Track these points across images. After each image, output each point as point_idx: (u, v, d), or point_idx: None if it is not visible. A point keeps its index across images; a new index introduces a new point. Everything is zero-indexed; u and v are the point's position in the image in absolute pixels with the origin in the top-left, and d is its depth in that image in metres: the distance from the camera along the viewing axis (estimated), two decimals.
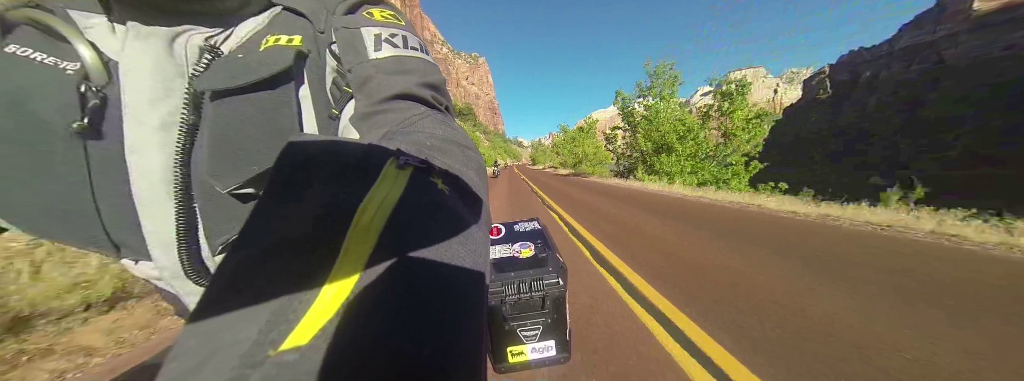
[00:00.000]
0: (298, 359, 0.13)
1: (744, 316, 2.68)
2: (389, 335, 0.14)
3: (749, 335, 2.39)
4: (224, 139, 0.33)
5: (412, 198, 0.21)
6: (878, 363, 2.08)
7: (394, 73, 0.36)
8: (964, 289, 3.25)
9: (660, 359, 2.14)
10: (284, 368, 0.13)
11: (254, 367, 0.13)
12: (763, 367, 2.03)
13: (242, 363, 0.13)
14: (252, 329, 0.14)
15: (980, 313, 2.75)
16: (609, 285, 3.41)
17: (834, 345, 2.27)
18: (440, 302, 0.17)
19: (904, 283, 3.41)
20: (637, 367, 2.05)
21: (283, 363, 0.13)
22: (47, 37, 0.32)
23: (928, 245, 5.01)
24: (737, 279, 3.51)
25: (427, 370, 0.14)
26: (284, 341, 0.13)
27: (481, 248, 0.23)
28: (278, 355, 0.13)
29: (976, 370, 2.01)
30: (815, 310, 2.78)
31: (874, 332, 2.44)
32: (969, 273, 3.76)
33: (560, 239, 5.63)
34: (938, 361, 2.09)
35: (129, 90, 0.32)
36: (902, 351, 2.21)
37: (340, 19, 0.39)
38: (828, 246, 4.89)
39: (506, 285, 0.49)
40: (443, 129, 0.33)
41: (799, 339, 2.33)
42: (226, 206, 0.35)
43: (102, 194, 0.33)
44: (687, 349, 2.24)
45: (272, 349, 0.13)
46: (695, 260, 4.21)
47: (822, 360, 2.09)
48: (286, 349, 0.13)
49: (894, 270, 3.82)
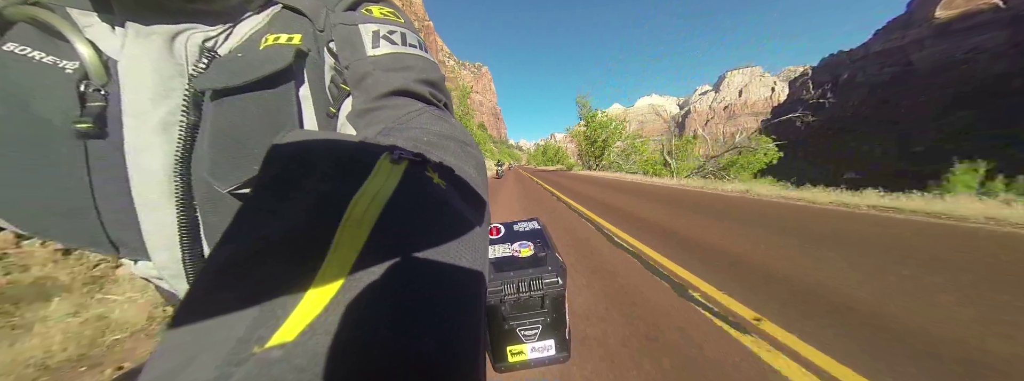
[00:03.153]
0: (283, 356, 0.13)
1: (596, 204, 8.39)
2: (382, 330, 0.14)
3: (600, 210, 7.40)
4: (224, 138, 0.33)
5: (407, 192, 0.20)
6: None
7: (392, 70, 0.36)
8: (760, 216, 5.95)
9: (570, 213, 7.15)
10: (268, 365, 0.12)
11: (239, 365, 0.12)
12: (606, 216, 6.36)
13: (227, 361, 0.13)
14: (239, 326, 0.14)
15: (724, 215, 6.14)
16: (563, 205, 8.71)
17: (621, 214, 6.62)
18: (436, 296, 0.17)
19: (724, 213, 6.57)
20: (565, 213, 7.20)
21: (267, 360, 0.13)
22: (46, 36, 0.31)
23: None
24: (608, 200, 9.34)
25: (424, 365, 0.14)
26: (270, 338, 0.13)
27: (479, 244, 0.23)
28: (264, 352, 0.13)
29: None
30: (638, 210, 7.21)
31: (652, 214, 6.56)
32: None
33: (539, 191, 13.29)
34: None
35: (129, 89, 0.31)
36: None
37: (339, 16, 0.39)
38: (657, 193, 11.39)
39: (505, 284, 0.49)
40: (441, 125, 0.33)
41: (615, 212, 6.76)
42: (226, 206, 0.34)
43: (101, 194, 0.33)
44: (577, 211, 7.26)
45: (258, 346, 0.13)
46: (602, 198, 10.18)
47: (606, 210, 7.17)
48: (272, 346, 0.13)
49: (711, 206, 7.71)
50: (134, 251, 0.35)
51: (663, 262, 3.47)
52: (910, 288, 2.70)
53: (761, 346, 1.93)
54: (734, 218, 6.00)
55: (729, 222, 5.61)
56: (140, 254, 0.35)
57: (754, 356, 1.84)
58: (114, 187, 0.33)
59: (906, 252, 3.66)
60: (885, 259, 3.41)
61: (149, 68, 0.32)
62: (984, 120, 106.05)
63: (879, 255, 3.55)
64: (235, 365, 0.12)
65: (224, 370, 0.12)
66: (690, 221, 5.81)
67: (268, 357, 0.13)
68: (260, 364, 0.12)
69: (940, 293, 2.59)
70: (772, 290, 2.70)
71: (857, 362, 1.76)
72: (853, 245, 3.97)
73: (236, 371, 0.12)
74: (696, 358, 1.83)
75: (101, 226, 0.34)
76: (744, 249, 3.88)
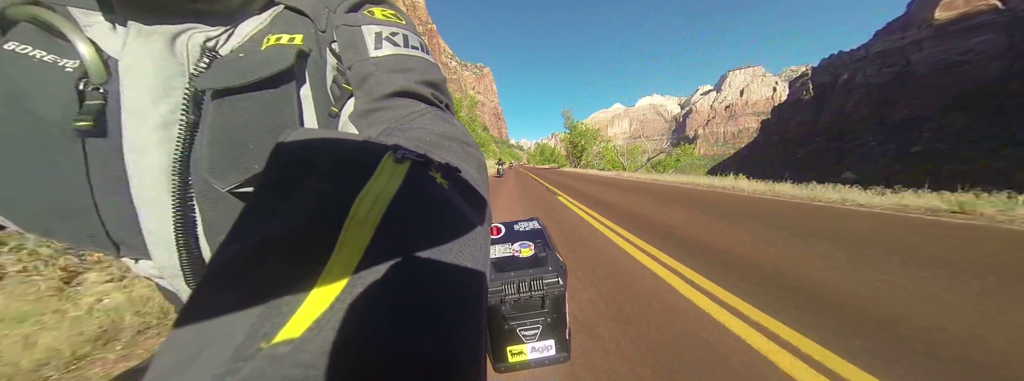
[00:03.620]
0: (290, 351, 0.13)
1: (563, 186, 13.91)
2: (385, 328, 0.14)
3: (563, 189, 12.38)
4: (224, 138, 0.33)
5: (410, 192, 0.21)
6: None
7: (394, 71, 0.37)
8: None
9: (547, 193, 10.87)
10: (275, 360, 0.13)
11: (246, 360, 0.13)
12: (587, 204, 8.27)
13: (234, 356, 0.13)
14: (245, 323, 0.14)
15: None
16: (542, 188, 13.35)
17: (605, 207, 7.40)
18: (438, 296, 0.17)
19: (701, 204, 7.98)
20: (542, 192, 11.24)
21: (275, 355, 0.13)
22: (47, 35, 0.31)
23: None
24: (569, 183, 16.04)
25: (426, 364, 0.14)
26: (276, 334, 0.13)
27: (481, 243, 0.23)
28: (270, 348, 0.13)
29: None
30: (584, 188, 12.51)
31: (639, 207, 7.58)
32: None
33: (528, 179, 18.99)
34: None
35: (129, 88, 0.32)
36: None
37: (341, 17, 0.39)
38: (636, 186, 13.59)
39: (506, 284, 0.49)
40: (442, 125, 0.33)
41: (597, 203, 8.24)
42: (225, 204, 0.35)
43: (101, 192, 0.33)
44: (562, 199, 9.27)
45: (264, 342, 0.13)
46: (567, 183, 17.01)
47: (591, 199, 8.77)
48: (278, 342, 0.13)
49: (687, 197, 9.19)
50: (134, 250, 0.35)
51: (588, 210, 6.91)
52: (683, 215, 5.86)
53: (617, 233, 4.51)
54: (631, 190, 11.85)
55: (624, 191, 11.22)
56: (140, 253, 0.35)
57: (611, 239, 4.25)
58: (113, 185, 0.33)
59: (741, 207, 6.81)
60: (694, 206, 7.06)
61: (150, 67, 0.32)
62: (982, 121, 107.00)
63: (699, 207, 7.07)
64: (242, 360, 0.13)
65: (231, 365, 0.13)
66: (604, 192, 11.20)
67: (275, 353, 0.13)
68: (268, 359, 0.13)
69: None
70: (622, 214, 6.07)
71: (665, 245, 3.84)
72: (696, 203, 7.70)
73: (244, 366, 0.13)
74: (588, 238, 4.36)
75: (101, 225, 0.33)
76: (618, 200, 8.54)
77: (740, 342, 1.76)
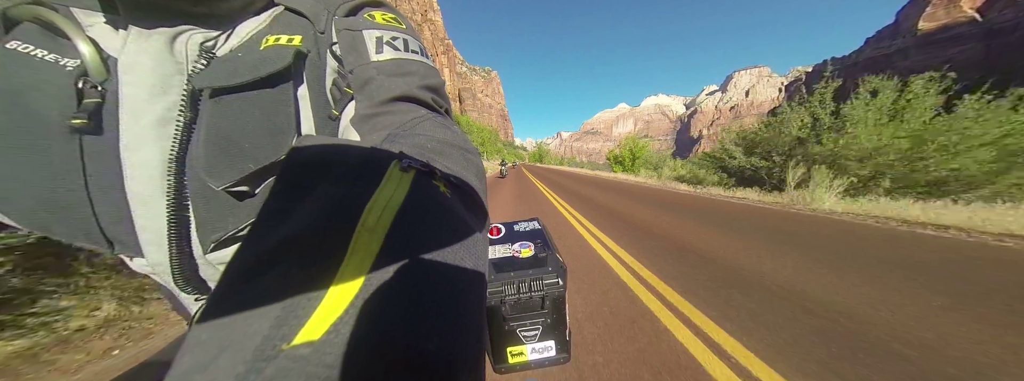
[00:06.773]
0: (312, 352, 0.14)
1: (565, 191, 13.16)
2: (396, 331, 0.15)
3: (564, 193, 12.57)
4: (221, 136, 0.33)
5: (416, 200, 0.21)
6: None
7: (395, 75, 0.37)
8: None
9: (529, 182, 17.91)
10: (299, 361, 0.13)
11: (268, 360, 0.13)
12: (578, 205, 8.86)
13: (256, 357, 0.13)
14: (263, 325, 0.14)
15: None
16: (540, 189, 14.12)
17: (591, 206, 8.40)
18: (444, 300, 0.18)
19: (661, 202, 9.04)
20: (527, 181, 18.75)
21: (297, 356, 0.13)
22: (49, 34, 0.32)
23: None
24: (575, 188, 14.54)
25: (432, 363, 0.15)
26: (296, 336, 0.14)
27: (480, 248, 0.24)
28: (292, 349, 0.14)
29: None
30: (599, 197, 10.77)
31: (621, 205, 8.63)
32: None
33: (527, 179, 20.96)
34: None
35: (127, 85, 0.32)
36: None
37: (342, 21, 0.40)
38: (623, 188, 14.42)
39: (506, 285, 0.49)
40: (443, 132, 0.33)
41: (585, 201, 9.40)
42: (220, 203, 0.35)
43: (96, 189, 0.33)
44: (542, 191, 12.85)
45: (285, 343, 0.14)
46: (571, 186, 16.47)
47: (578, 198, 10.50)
48: (299, 344, 0.14)
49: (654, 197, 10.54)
50: (127, 247, 0.35)
51: (555, 193, 11.17)
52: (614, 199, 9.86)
53: (562, 204, 8.53)
54: (592, 183, 16.11)
55: (586, 184, 15.82)
56: (133, 250, 0.35)
57: (561, 212, 7.28)
58: (109, 183, 0.33)
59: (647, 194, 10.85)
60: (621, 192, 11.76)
61: (149, 65, 0.32)
62: None
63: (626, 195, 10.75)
64: (264, 360, 0.13)
65: (254, 365, 0.13)
66: (575, 182, 16.63)
67: (297, 354, 0.14)
68: (291, 360, 0.13)
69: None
70: (573, 195, 10.84)
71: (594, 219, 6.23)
72: (629, 193, 11.21)
73: (266, 366, 0.13)
74: (543, 202, 9.28)
75: (95, 221, 0.34)
76: (577, 188, 13.67)
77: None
